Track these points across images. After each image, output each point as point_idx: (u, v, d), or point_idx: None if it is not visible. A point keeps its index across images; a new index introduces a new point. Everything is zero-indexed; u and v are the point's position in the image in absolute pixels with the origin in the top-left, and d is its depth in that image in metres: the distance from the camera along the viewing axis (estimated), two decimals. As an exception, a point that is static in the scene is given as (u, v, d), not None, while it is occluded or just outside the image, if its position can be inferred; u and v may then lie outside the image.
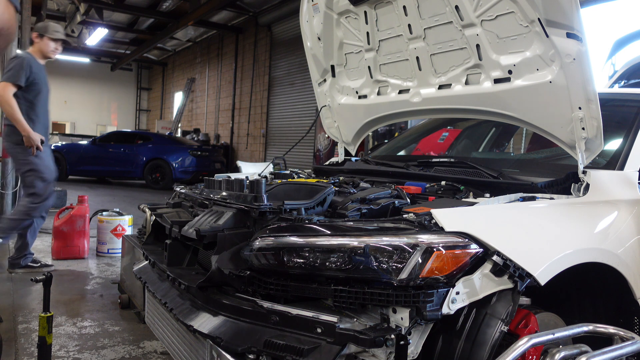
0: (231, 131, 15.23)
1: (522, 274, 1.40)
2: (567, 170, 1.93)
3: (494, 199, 1.74)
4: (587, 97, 1.80)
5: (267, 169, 3.02)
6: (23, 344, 2.70)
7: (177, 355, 1.84)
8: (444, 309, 1.32)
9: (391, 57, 2.58)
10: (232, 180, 2.01)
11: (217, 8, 12.32)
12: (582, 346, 1.42)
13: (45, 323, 2.24)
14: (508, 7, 1.96)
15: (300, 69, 11.58)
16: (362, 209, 1.78)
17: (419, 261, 1.33)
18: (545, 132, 2.06)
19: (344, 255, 1.40)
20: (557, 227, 1.63)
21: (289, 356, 1.34)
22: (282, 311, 1.45)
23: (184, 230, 1.89)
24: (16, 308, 3.24)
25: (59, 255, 4.60)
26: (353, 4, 2.52)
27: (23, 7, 6.21)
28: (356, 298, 1.38)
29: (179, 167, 11.93)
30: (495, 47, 2.10)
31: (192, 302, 1.72)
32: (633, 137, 2.08)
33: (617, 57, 4.72)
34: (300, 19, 2.91)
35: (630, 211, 1.84)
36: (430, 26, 2.27)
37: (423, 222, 1.47)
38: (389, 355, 1.31)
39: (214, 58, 16.52)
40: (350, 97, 2.96)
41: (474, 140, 3.47)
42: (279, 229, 1.57)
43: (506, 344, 1.33)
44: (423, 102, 2.52)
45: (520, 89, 2.07)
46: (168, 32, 15.07)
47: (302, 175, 2.79)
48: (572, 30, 1.77)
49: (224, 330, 1.50)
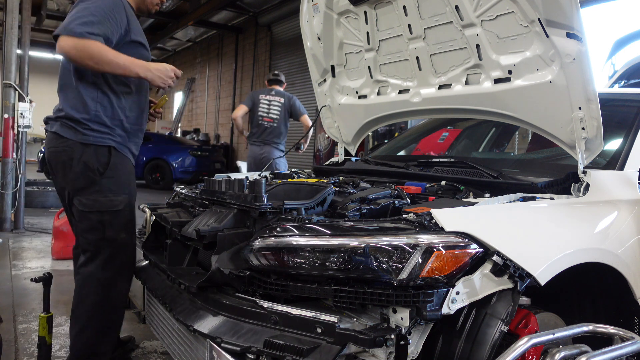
0: (231, 131, 15.23)
1: (522, 274, 1.40)
2: (567, 170, 1.93)
3: (494, 199, 1.74)
4: (587, 97, 1.80)
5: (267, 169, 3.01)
6: (23, 344, 2.70)
7: (177, 355, 1.84)
8: (444, 309, 1.32)
9: (391, 57, 2.58)
10: (232, 180, 2.01)
11: (217, 8, 12.33)
12: (582, 346, 1.42)
13: (45, 323, 2.25)
14: (508, 7, 1.96)
15: (300, 69, 11.58)
16: (362, 209, 1.78)
17: (419, 261, 1.33)
18: (545, 132, 2.06)
19: (344, 255, 1.40)
20: (557, 227, 1.63)
21: (289, 356, 1.34)
22: (282, 311, 1.45)
23: (184, 230, 1.89)
24: (16, 308, 3.24)
25: (59, 255, 4.60)
26: (353, 4, 2.52)
27: (23, 7, 6.20)
28: (356, 298, 1.38)
29: (179, 167, 11.94)
30: (495, 47, 2.10)
31: (192, 302, 1.72)
32: (633, 137, 2.08)
33: (617, 57, 4.72)
34: (300, 19, 2.91)
35: (630, 211, 1.84)
36: (430, 26, 2.27)
37: (423, 222, 1.47)
38: (389, 355, 1.31)
39: (214, 58, 16.52)
40: (350, 97, 2.96)
41: (474, 140, 3.47)
42: (279, 229, 1.57)
43: (506, 344, 1.33)
44: (423, 102, 2.52)
45: (520, 89, 2.07)
46: (168, 32, 15.09)
47: (302, 175, 2.79)
48: (572, 30, 1.77)
49: (223, 330, 1.50)
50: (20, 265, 4.35)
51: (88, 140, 2.12)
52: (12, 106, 5.92)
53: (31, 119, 6.07)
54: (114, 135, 2.18)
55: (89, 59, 2.02)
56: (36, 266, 4.36)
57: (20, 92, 5.96)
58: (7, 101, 5.92)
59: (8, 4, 5.83)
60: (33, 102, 6.14)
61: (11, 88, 5.89)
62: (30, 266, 4.35)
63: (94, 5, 2.07)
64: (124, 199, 2.19)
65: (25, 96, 6.01)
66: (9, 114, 5.91)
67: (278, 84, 5.59)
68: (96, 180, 2.13)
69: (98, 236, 2.14)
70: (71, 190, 2.17)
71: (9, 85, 5.88)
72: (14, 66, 5.91)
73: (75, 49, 2.01)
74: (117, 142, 2.19)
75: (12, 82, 5.86)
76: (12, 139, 5.95)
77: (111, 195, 2.15)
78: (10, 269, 4.23)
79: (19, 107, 5.94)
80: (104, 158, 2.14)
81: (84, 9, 2.06)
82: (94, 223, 2.14)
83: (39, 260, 4.57)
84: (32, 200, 7.43)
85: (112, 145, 2.17)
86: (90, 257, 2.15)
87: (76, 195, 2.15)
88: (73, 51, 2.02)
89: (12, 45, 5.91)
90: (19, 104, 5.95)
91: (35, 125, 6.39)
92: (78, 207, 2.15)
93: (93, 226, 2.14)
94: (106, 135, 2.15)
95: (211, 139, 16.23)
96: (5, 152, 5.96)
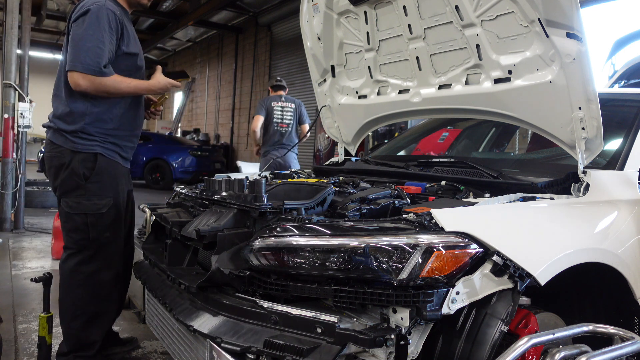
0: (231, 131, 15.23)
1: (522, 274, 1.40)
2: (567, 170, 1.93)
3: (494, 199, 1.74)
4: (587, 97, 1.80)
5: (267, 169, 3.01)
6: (23, 344, 2.70)
7: (177, 355, 1.84)
8: (444, 309, 1.32)
9: (391, 57, 2.57)
10: (232, 180, 2.01)
11: (217, 8, 12.33)
12: (582, 346, 1.42)
13: (45, 323, 2.25)
14: (508, 7, 1.96)
15: (300, 69, 11.58)
16: (362, 209, 1.78)
17: (419, 261, 1.33)
18: (545, 132, 2.06)
19: (344, 255, 1.40)
20: (557, 227, 1.63)
21: (289, 356, 1.34)
22: (282, 311, 1.45)
23: (184, 230, 1.89)
24: (16, 308, 3.24)
25: (59, 256, 4.58)
26: (353, 4, 2.52)
27: (23, 7, 6.20)
28: (356, 298, 1.38)
29: (179, 167, 11.93)
30: (495, 47, 2.10)
31: (192, 302, 1.72)
32: (633, 137, 2.08)
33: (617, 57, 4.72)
34: (300, 19, 2.90)
35: (630, 211, 1.84)
36: (430, 26, 2.27)
37: (423, 222, 1.47)
38: (389, 355, 1.31)
39: (214, 58, 16.52)
40: (350, 97, 2.95)
41: (474, 140, 3.47)
42: (279, 229, 1.57)
43: (506, 344, 1.33)
44: (423, 102, 2.52)
45: (520, 89, 2.07)
46: (168, 32, 15.08)
47: (302, 175, 2.79)
48: (572, 30, 1.77)
49: (223, 330, 1.50)
50: (20, 265, 4.35)
51: (77, 148, 2.25)
52: (12, 106, 5.93)
53: (31, 119, 6.07)
54: (102, 143, 2.29)
55: (104, 92, 2.23)
56: (36, 266, 4.36)
57: (20, 92, 5.96)
58: (7, 101, 5.92)
59: (8, 4, 5.83)
60: (33, 102, 6.14)
61: (11, 88, 5.89)
62: (30, 266, 4.35)
63: (95, 28, 2.19)
64: (108, 202, 2.30)
65: (25, 96, 6.01)
66: (9, 114, 5.91)
67: (283, 89, 5.78)
68: (81, 184, 2.25)
69: (82, 236, 2.27)
70: (59, 192, 2.31)
71: (9, 85, 5.88)
72: (14, 66, 5.91)
73: (92, 87, 2.19)
74: (105, 149, 2.30)
75: (12, 82, 5.86)
76: (12, 139, 5.95)
77: (95, 199, 2.27)
78: (10, 269, 4.23)
79: (19, 107, 5.94)
80: (90, 164, 2.26)
81: (89, 36, 2.17)
82: (78, 224, 2.27)
83: (39, 260, 4.57)
84: (32, 200, 7.43)
85: (99, 152, 2.28)
86: (73, 254, 2.29)
87: (63, 197, 2.30)
88: (90, 88, 2.19)
89: (12, 45, 5.91)
90: (19, 104, 5.95)
91: (35, 125, 6.38)
92: (64, 208, 2.29)
93: (77, 227, 2.27)
94: (94, 142, 2.27)
95: (211, 139, 16.23)
96: (5, 152, 5.96)
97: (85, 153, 2.25)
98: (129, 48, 2.33)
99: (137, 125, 2.46)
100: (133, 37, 2.38)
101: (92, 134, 2.26)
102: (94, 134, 2.27)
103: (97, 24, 2.18)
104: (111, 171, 2.32)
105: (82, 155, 2.25)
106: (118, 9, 2.29)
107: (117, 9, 2.28)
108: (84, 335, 2.27)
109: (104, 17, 2.19)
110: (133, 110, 2.40)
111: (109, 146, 2.31)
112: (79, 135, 2.25)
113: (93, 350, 2.29)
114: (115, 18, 2.24)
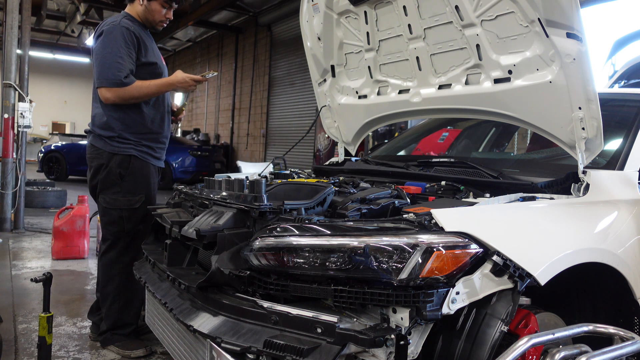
0: (231, 131, 15.23)
1: (522, 274, 1.40)
2: (567, 170, 1.93)
3: (494, 199, 1.74)
4: (587, 97, 1.80)
5: (267, 169, 3.01)
6: (23, 344, 2.70)
7: (177, 355, 1.84)
8: (444, 309, 1.32)
9: (391, 57, 2.58)
10: (232, 180, 2.01)
11: (217, 8, 12.32)
12: (582, 346, 1.43)
13: (45, 323, 2.25)
14: (508, 7, 1.96)
15: (300, 69, 11.57)
16: (362, 209, 1.78)
17: (419, 261, 1.33)
18: (545, 132, 2.06)
19: (344, 255, 1.40)
20: (557, 227, 1.63)
21: (289, 356, 1.34)
22: (282, 311, 1.45)
23: (184, 230, 1.89)
24: (16, 308, 3.24)
25: (59, 255, 4.60)
26: (353, 4, 2.52)
27: (23, 7, 6.20)
28: (356, 298, 1.38)
29: (179, 167, 11.92)
30: (495, 47, 2.10)
31: (192, 302, 1.72)
32: (633, 137, 2.08)
33: (617, 57, 4.72)
34: (300, 19, 2.91)
35: (630, 211, 1.84)
36: (430, 26, 2.27)
37: (423, 222, 1.47)
38: (389, 355, 1.31)
39: (214, 58, 16.52)
40: (350, 97, 2.96)
41: (474, 140, 3.47)
42: (279, 229, 1.57)
43: (506, 344, 1.33)
44: (423, 102, 2.52)
45: (520, 89, 2.07)
46: (168, 32, 15.06)
47: (302, 175, 2.79)
48: (572, 30, 1.77)
49: (223, 330, 1.50)
50: (20, 265, 4.35)
51: (115, 151, 2.58)
52: (12, 106, 5.92)
53: (31, 119, 6.07)
54: (136, 146, 2.61)
55: (131, 99, 2.54)
56: (36, 266, 4.36)
57: (20, 92, 5.95)
58: (7, 101, 5.92)
59: (8, 4, 5.83)
60: (33, 102, 6.14)
61: (11, 88, 5.88)
62: (30, 266, 4.35)
63: (112, 45, 2.48)
64: (140, 198, 2.60)
65: (25, 96, 6.01)
66: (9, 114, 5.91)
67: None
68: (117, 182, 2.57)
69: (117, 228, 2.59)
70: (99, 189, 2.62)
71: (9, 85, 5.88)
72: (14, 66, 5.91)
73: (119, 98, 2.51)
74: (138, 151, 2.61)
75: (12, 82, 5.86)
76: (12, 139, 5.94)
77: (129, 195, 2.58)
78: (10, 269, 4.23)
79: (18, 107, 5.94)
80: (125, 164, 2.57)
81: (108, 54, 2.48)
82: (114, 218, 2.59)
83: (39, 260, 4.57)
84: (32, 200, 7.43)
85: (133, 154, 2.59)
86: (110, 245, 2.61)
87: (101, 194, 2.61)
88: (118, 100, 2.52)
89: (12, 45, 5.91)
90: (19, 104, 5.94)
91: (35, 125, 6.39)
92: (102, 203, 2.62)
93: (114, 220, 2.59)
94: (129, 146, 2.59)
95: (211, 139, 16.22)
96: (5, 152, 5.96)
97: (121, 155, 2.57)
98: (147, 57, 2.62)
99: (165, 126, 2.76)
100: (151, 47, 2.67)
101: (127, 139, 2.58)
102: (129, 138, 2.58)
103: (113, 42, 2.48)
104: (144, 171, 2.63)
105: (119, 157, 2.56)
106: (133, 25, 2.57)
107: (131, 25, 2.56)
108: (121, 317, 2.60)
109: (119, 34, 2.49)
110: (160, 115, 2.71)
111: (142, 148, 2.62)
112: (117, 139, 2.57)
113: (129, 329, 2.63)
114: (130, 33, 2.52)
